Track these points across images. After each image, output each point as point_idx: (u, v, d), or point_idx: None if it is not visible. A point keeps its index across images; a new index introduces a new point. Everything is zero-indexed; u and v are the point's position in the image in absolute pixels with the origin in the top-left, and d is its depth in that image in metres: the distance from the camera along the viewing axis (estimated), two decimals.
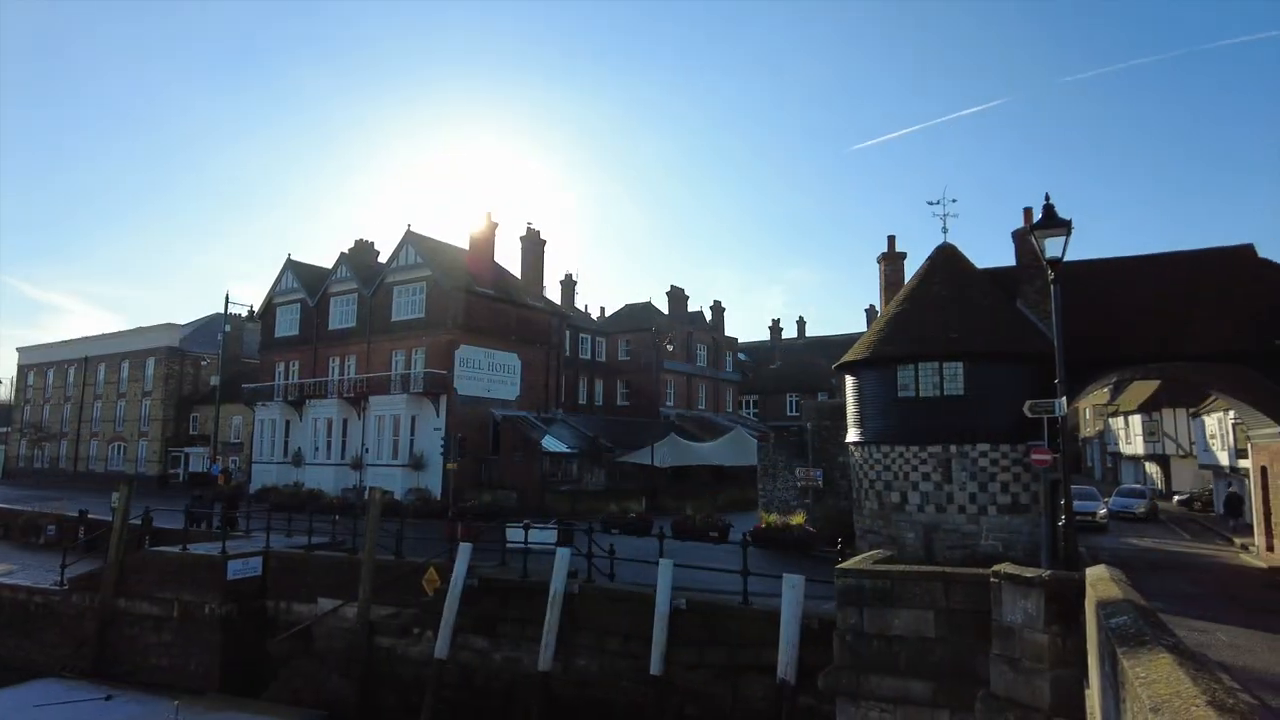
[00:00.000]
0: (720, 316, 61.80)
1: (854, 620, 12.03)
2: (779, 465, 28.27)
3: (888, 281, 27.58)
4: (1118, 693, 4.78)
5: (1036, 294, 23.17)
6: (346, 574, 19.86)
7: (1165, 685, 3.61)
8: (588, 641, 16.18)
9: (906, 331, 22.38)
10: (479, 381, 38.20)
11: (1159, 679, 3.77)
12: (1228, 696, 3.37)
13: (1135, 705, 3.80)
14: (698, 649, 14.92)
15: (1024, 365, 21.08)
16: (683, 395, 54.16)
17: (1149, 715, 3.25)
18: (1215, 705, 3.14)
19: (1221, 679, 3.87)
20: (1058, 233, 12.48)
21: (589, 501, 34.20)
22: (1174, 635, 5.18)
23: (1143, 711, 3.45)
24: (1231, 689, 3.66)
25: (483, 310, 38.94)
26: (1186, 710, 3.13)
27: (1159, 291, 23.30)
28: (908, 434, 21.67)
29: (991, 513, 20.71)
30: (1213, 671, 4.05)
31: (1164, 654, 4.30)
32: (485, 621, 17.52)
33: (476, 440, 36.94)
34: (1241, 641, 13.07)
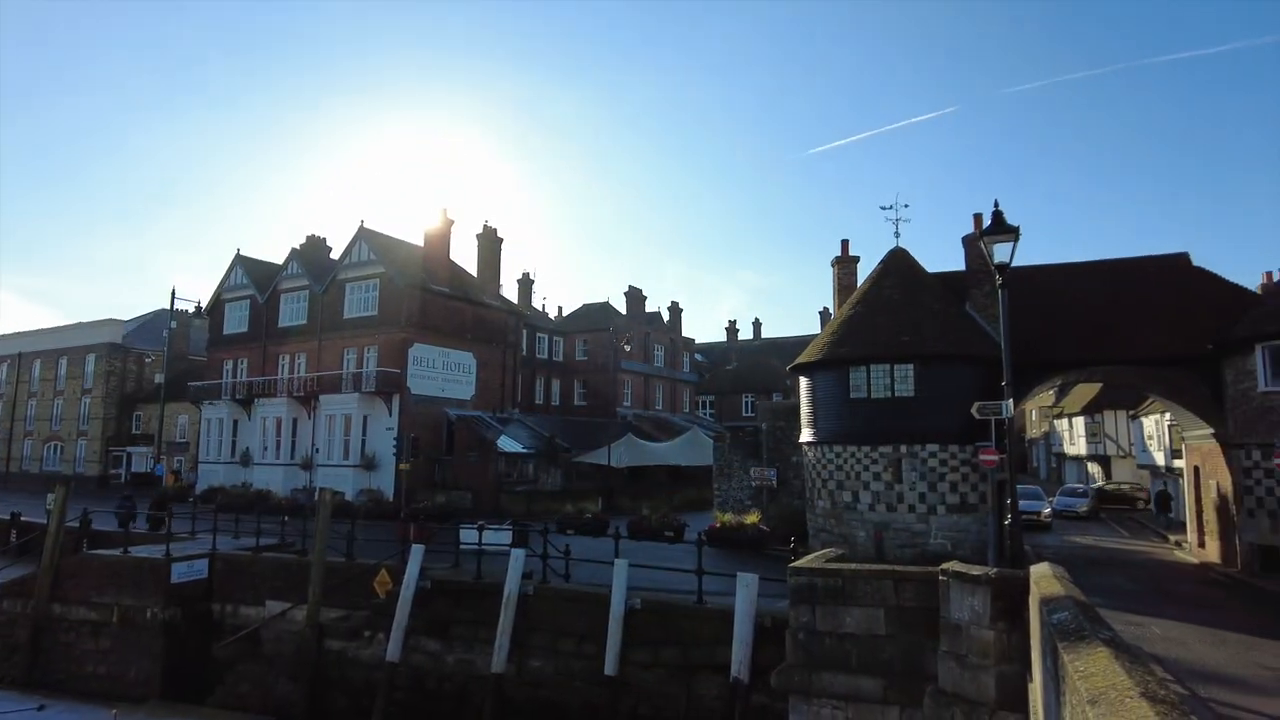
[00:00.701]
0: (678, 317, 62.05)
1: (806, 618, 12.17)
2: (734, 465, 28.50)
3: (841, 284, 27.96)
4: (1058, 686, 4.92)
5: (985, 298, 23.75)
6: (296, 576, 19.46)
7: (1102, 678, 3.73)
8: (542, 642, 16.11)
9: (859, 334, 22.74)
10: (433, 381, 37.76)
11: (1096, 672, 3.89)
12: (1160, 688, 3.50)
13: (1074, 698, 3.92)
14: (652, 649, 14.94)
15: (972, 368, 21.57)
16: (640, 395, 54.24)
17: (1087, 707, 3.36)
18: (1148, 696, 3.25)
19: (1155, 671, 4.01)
20: (1006, 239, 12.78)
21: (545, 502, 34.04)
22: (1111, 630, 5.35)
23: (1081, 704, 3.56)
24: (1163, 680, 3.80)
25: (437, 308, 38.51)
26: (1121, 702, 3.24)
27: (1101, 297, 24.09)
28: (860, 434, 22.03)
29: (940, 512, 21.15)
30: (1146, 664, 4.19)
31: (1101, 648, 4.44)
32: (438, 624, 17.32)
33: (430, 440, 36.50)
34: (1174, 634, 13.57)
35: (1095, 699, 3.37)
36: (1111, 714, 3.09)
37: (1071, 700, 4.09)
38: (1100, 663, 4.06)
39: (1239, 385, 20.66)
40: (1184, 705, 3.26)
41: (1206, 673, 11.07)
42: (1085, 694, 3.51)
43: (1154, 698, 3.25)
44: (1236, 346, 20.55)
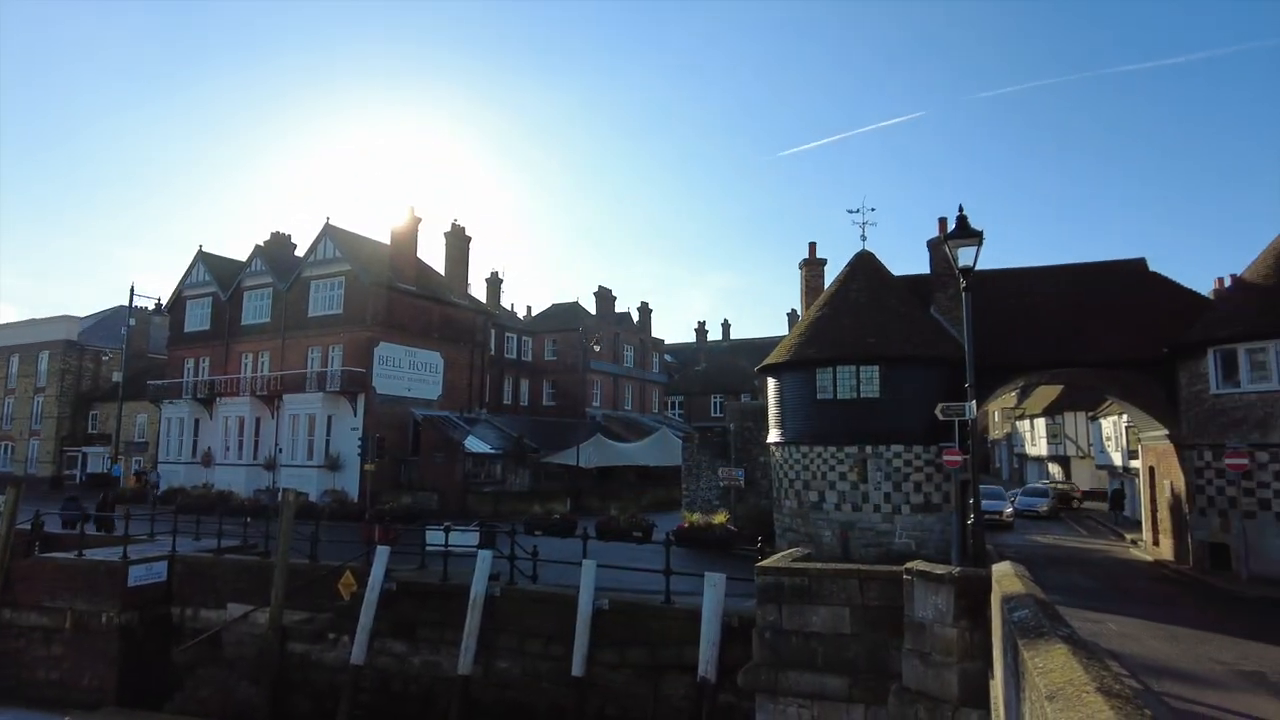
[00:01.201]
0: (647, 318, 62.13)
1: (773, 618, 12.26)
2: (702, 465, 28.61)
3: (809, 286, 28.22)
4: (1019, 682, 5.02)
5: (949, 301, 24.13)
6: (258, 578, 19.15)
7: (1060, 674, 3.82)
8: (509, 644, 16.03)
9: (826, 335, 22.97)
10: (399, 380, 37.39)
11: (1055, 668, 3.98)
12: (1115, 682, 3.59)
13: (1034, 693, 4.00)
14: (620, 649, 14.95)
15: (936, 369, 21.89)
16: (609, 396, 54.22)
17: (1045, 703, 3.43)
18: (1103, 691, 3.33)
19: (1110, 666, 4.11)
20: (970, 243, 13.00)
21: (512, 503, 33.88)
22: (1069, 627, 5.47)
23: (1040, 699, 3.63)
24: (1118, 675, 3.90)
25: (404, 307, 38.14)
26: (1078, 696, 3.32)
27: (1062, 301, 24.62)
28: (826, 435, 22.25)
29: (905, 511, 21.44)
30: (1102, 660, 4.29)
31: (1060, 644, 4.53)
32: (403, 625, 17.16)
33: (396, 440, 36.14)
34: (1129, 630, 13.91)
35: (1053, 694, 3.44)
36: (1068, 709, 3.16)
37: (1031, 696, 4.17)
38: (1058, 659, 4.15)
39: (1192, 388, 21.22)
40: (1138, 699, 3.34)
41: (1160, 667, 11.35)
42: (1044, 689, 3.59)
43: (1109, 692, 3.33)
44: (1190, 350, 21.10)
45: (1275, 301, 19.91)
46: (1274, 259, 21.26)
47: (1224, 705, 9.58)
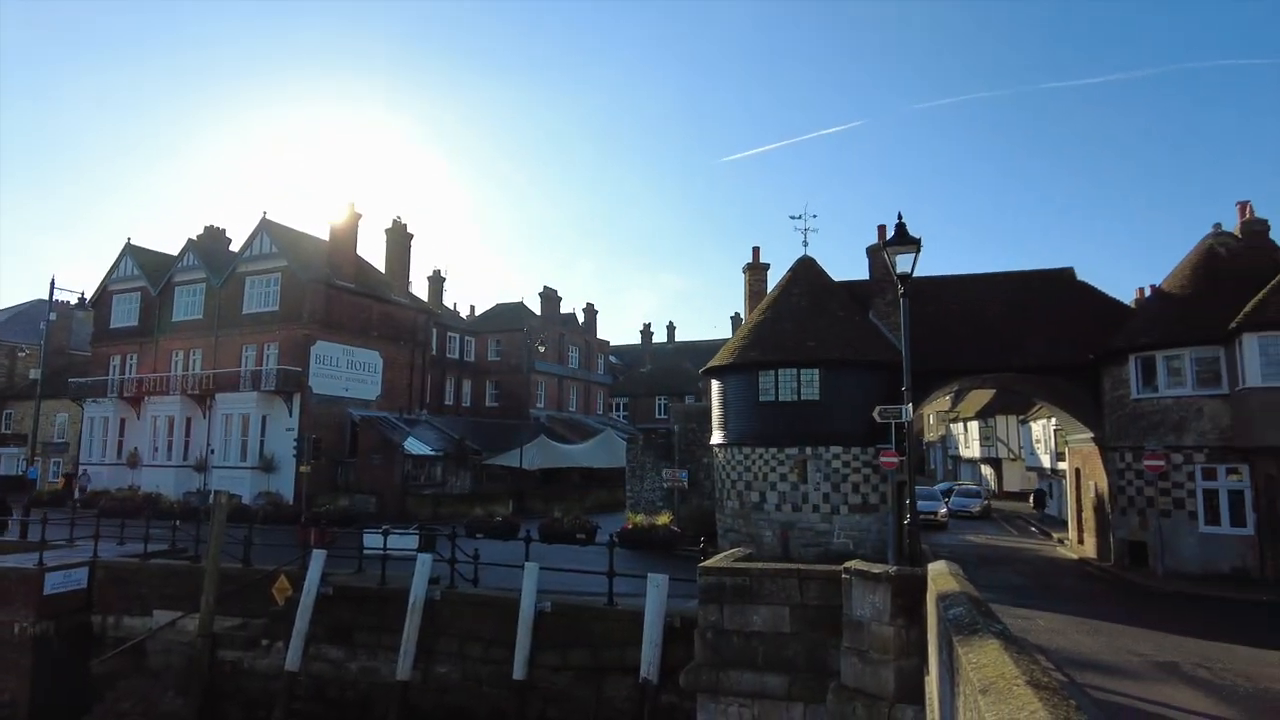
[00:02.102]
0: (593, 319, 62.01)
1: (715, 618, 12.34)
2: (647, 467, 28.69)
3: (752, 290, 28.58)
4: (953, 677, 5.16)
5: (887, 306, 24.72)
6: (187, 583, 18.47)
7: (992, 668, 3.94)
8: (449, 648, 15.80)
9: (768, 339, 23.30)
10: (337, 380, 36.55)
11: (988, 663, 4.10)
12: (1043, 675, 3.73)
13: (967, 688, 4.12)
14: (562, 651, 14.87)
15: (874, 373, 22.42)
16: (554, 397, 53.94)
17: (979, 696, 3.53)
18: (1032, 684, 3.46)
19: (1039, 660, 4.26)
20: (908, 250, 13.30)
21: (453, 505, 33.43)
22: (1001, 623, 5.65)
23: (973, 693, 3.75)
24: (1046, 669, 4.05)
25: (343, 305, 37.31)
26: (1009, 690, 3.43)
27: (994, 308, 25.46)
28: (768, 436, 22.56)
29: (843, 512, 21.86)
30: (1032, 654, 4.45)
31: (992, 640, 4.68)
32: (340, 630, 16.77)
33: (333, 441, 35.35)
34: (1056, 625, 14.45)
35: (986, 688, 3.55)
36: (1000, 701, 3.27)
37: (965, 690, 4.30)
38: (991, 654, 4.28)
39: (1115, 392, 22.15)
40: (1064, 691, 3.47)
41: (1084, 660, 11.82)
42: (977, 684, 3.70)
43: (1038, 685, 3.45)
44: (1113, 357, 22.03)
45: (1190, 311, 20.92)
46: (1189, 271, 22.34)
47: (1141, 695, 10.02)
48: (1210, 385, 20.10)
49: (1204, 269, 21.96)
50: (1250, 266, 21.20)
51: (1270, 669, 11.52)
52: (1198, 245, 23.03)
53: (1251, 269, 21.01)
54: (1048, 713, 2.96)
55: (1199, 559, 19.79)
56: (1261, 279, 20.09)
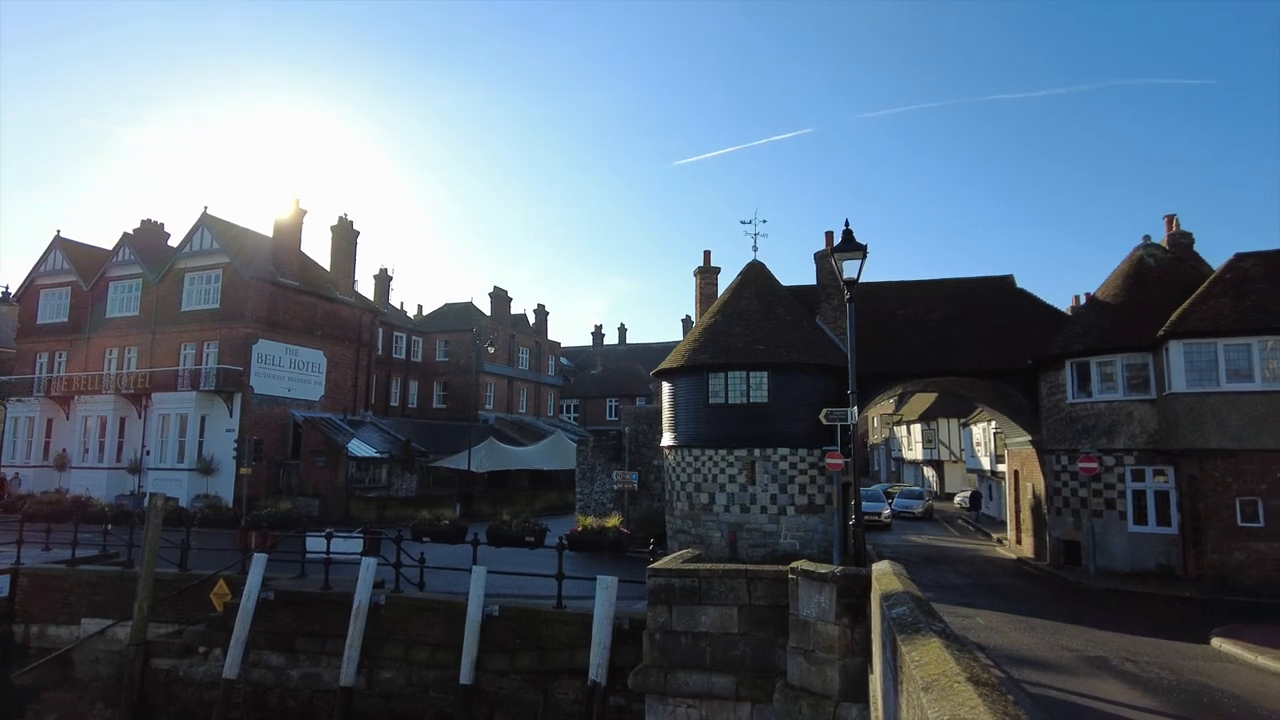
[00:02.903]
0: (544, 320, 61.70)
1: (663, 619, 12.40)
2: (597, 469, 28.65)
3: (703, 294, 28.80)
4: (896, 675, 5.28)
5: (834, 311, 25.16)
6: (119, 590, 17.82)
7: (934, 666, 4.05)
8: (394, 653, 15.55)
9: (718, 342, 23.49)
10: (279, 380, 35.69)
11: (930, 661, 4.21)
12: (982, 672, 3.84)
13: (910, 685, 4.23)
14: (509, 655, 14.76)
15: (821, 376, 22.79)
16: (503, 398, 53.50)
17: (921, 694, 3.63)
18: (973, 680, 3.56)
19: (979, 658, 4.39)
20: (854, 256, 13.57)
21: (399, 508, 32.91)
22: (943, 622, 5.80)
23: (916, 691, 3.84)
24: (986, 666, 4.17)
25: (286, 303, 36.46)
26: (950, 686, 3.53)
27: (937, 314, 26.11)
28: (717, 438, 22.76)
29: (790, 513, 22.16)
30: (972, 652, 4.58)
31: (934, 639, 4.80)
32: (281, 636, 16.36)
33: (275, 443, 34.51)
34: (995, 623, 14.86)
35: (928, 686, 3.65)
36: (942, 698, 3.36)
37: (908, 688, 4.40)
38: (933, 653, 4.40)
39: (1052, 397, 22.89)
40: (1002, 687, 3.59)
41: (1020, 656, 12.18)
42: (920, 681, 3.80)
43: (978, 681, 3.56)
44: (1050, 362, 22.77)
45: (1122, 319, 21.75)
46: (1122, 280, 23.22)
47: (1073, 689, 10.37)
48: (1140, 390, 20.92)
49: (1134, 279, 22.85)
50: (1176, 277, 22.16)
51: (1192, 661, 12.05)
52: (1129, 256, 23.95)
53: (1178, 279, 21.96)
54: (987, 709, 3.05)
55: (1128, 557, 20.57)
56: (1187, 289, 20.99)
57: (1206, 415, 18.93)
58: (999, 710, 3.04)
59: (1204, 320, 19.35)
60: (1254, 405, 18.52)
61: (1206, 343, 19.12)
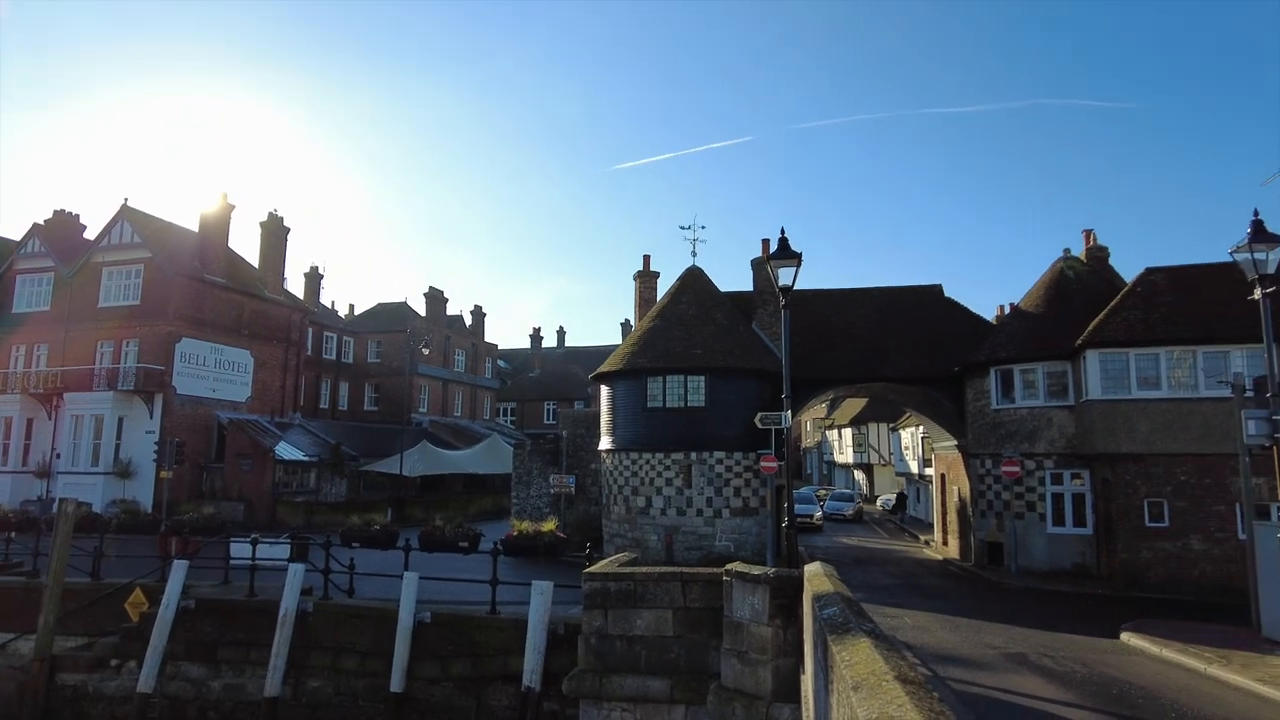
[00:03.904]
0: (481, 321, 60.94)
1: (599, 623, 12.38)
2: (534, 472, 28.43)
3: (642, 298, 28.91)
4: (827, 675, 5.39)
5: (769, 317, 25.57)
6: (22, 602, 16.87)
7: (864, 665, 4.14)
8: (322, 662, 15.14)
9: (657, 346, 23.61)
10: (203, 380, 34.40)
11: (859, 661, 4.31)
12: (910, 670, 3.95)
13: (840, 685, 4.32)
14: (442, 662, 14.53)
15: (757, 381, 23.14)
16: (437, 401, 52.63)
17: (850, 693, 3.71)
18: (900, 679, 3.66)
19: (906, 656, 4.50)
20: (789, 263, 13.82)
21: (328, 513, 32.05)
22: (872, 622, 5.94)
23: (846, 690, 3.92)
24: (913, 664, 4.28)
25: (212, 300, 35.18)
26: (879, 685, 3.62)
27: (868, 321, 26.77)
28: (655, 441, 22.86)
29: (726, 515, 22.40)
30: (900, 651, 4.70)
31: (864, 639, 4.92)
32: (202, 647, 15.75)
33: (198, 446, 33.25)
34: (921, 622, 15.28)
35: (858, 685, 3.73)
36: (871, 697, 3.44)
37: (838, 687, 4.49)
38: (863, 652, 4.50)
39: (977, 403, 23.69)
40: (928, 685, 3.70)
41: (945, 654, 12.56)
42: (850, 680, 3.88)
43: (905, 679, 3.66)
44: (976, 369, 23.57)
45: (1043, 329, 22.66)
46: (1043, 291, 24.19)
47: (995, 684, 10.74)
48: (1059, 397, 21.82)
49: (1055, 290, 23.82)
50: (1094, 289, 23.21)
51: (1103, 655, 12.62)
52: (1050, 268, 24.97)
53: (1095, 291, 22.99)
54: (914, 706, 3.14)
55: (1047, 557, 21.41)
56: (1103, 301, 21.99)
57: (1119, 421, 19.86)
58: (925, 707, 3.13)
59: (1117, 331, 20.30)
60: (1161, 412, 19.51)
61: (1119, 352, 20.07)
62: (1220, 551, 18.67)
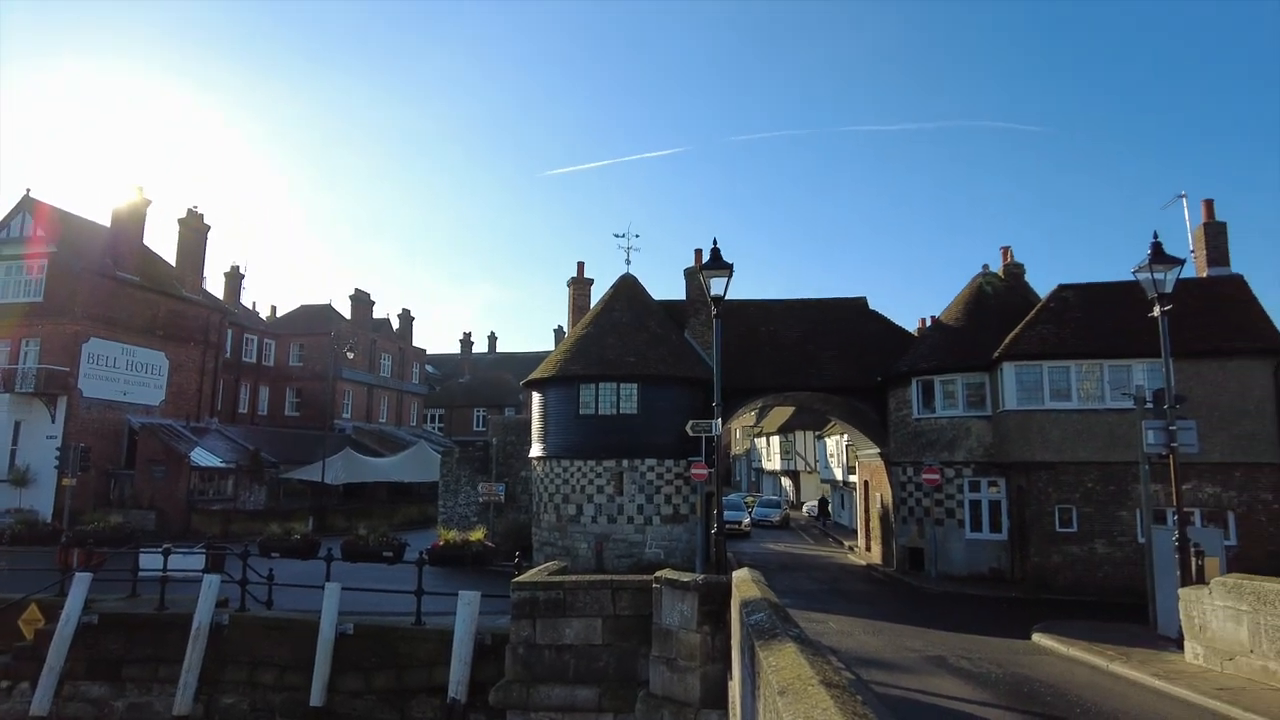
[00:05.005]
0: (409, 325, 59.74)
1: (527, 632, 12.25)
2: (462, 480, 27.99)
3: (576, 304, 28.84)
4: (755, 681, 5.44)
5: (701, 326, 25.84)
6: None
7: (790, 670, 4.20)
8: (237, 677, 14.54)
9: (590, 353, 23.58)
10: (113, 383, 32.77)
11: (786, 666, 4.37)
12: (835, 675, 4.03)
13: (767, 690, 4.37)
14: (364, 675, 14.15)
15: (689, 389, 23.35)
16: (362, 407, 51.36)
17: (777, 698, 3.75)
18: (825, 683, 3.72)
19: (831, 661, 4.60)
20: (721, 274, 14.01)
21: (246, 522, 30.93)
22: (799, 628, 6.03)
23: (773, 695, 3.97)
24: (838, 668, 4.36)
25: (124, 299, 33.57)
26: (804, 689, 3.68)
27: (797, 331, 27.34)
28: (587, 449, 22.81)
29: (656, 522, 22.49)
30: (825, 655, 4.79)
31: (790, 644, 4.99)
32: (105, 664, 14.94)
33: (106, 451, 31.66)
34: (845, 627, 15.62)
35: (784, 690, 3.78)
36: (797, 701, 3.49)
37: (765, 693, 4.55)
38: (789, 657, 4.57)
39: (899, 412, 24.40)
40: (852, 689, 3.77)
41: (868, 658, 12.86)
42: (776, 686, 3.93)
43: (830, 684, 3.73)
44: (898, 380, 24.29)
45: (963, 341, 23.50)
46: (963, 306, 25.11)
47: (916, 687, 11.05)
48: (978, 407, 22.65)
49: (974, 304, 24.76)
50: (1010, 303, 24.20)
51: (1016, 656, 13.14)
52: (970, 283, 25.94)
53: (1011, 306, 23.98)
54: (838, 710, 3.19)
55: (965, 562, 22.16)
56: (1019, 315, 22.94)
57: (1033, 431, 20.73)
58: (849, 711, 3.19)
59: (1031, 344, 21.22)
60: (1072, 422, 20.46)
61: (1034, 365, 20.96)
62: (1122, 555, 19.65)
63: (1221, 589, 11.65)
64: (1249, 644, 11.04)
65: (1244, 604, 11.14)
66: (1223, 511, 19.34)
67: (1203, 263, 22.69)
